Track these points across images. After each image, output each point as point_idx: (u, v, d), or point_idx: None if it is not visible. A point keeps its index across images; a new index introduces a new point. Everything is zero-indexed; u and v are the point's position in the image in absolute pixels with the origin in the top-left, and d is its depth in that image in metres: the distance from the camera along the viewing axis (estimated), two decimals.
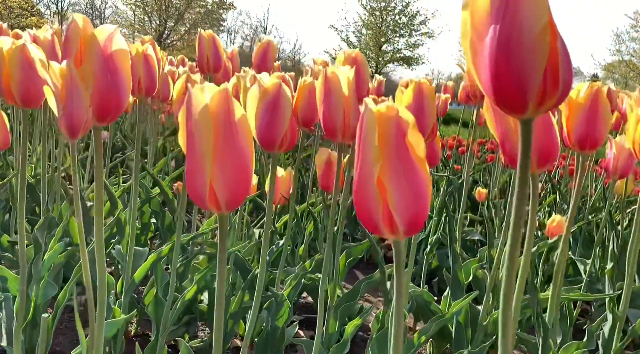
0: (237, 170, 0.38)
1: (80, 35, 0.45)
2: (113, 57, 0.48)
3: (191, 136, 0.38)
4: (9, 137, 0.99)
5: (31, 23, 16.81)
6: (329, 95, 0.59)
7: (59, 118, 0.45)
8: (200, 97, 0.37)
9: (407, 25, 20.13)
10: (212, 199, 0.38)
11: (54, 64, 0.44)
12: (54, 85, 0.44)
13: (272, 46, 1.38)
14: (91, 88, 0.45)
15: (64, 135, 0.46)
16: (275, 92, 0.61)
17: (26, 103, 0.67)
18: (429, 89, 0.63)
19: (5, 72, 0.65)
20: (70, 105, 0.44)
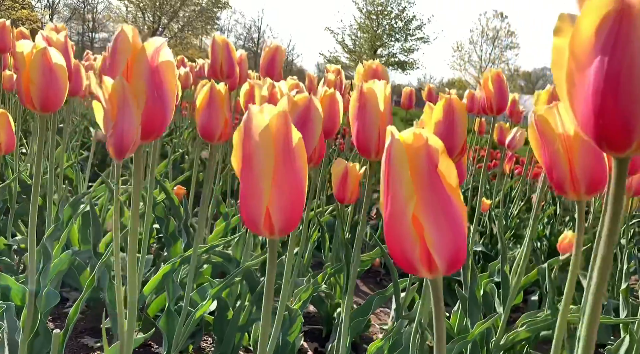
0: (295, 195, 0.36)
1: (129, 49, 0.43)
2: (159, 70, 0.46)
3: (249, 158, 0.36)
4: (14, 139, 0.96)
5: (22, 16, 16.60)
6: (363, 111, 0.57)
7: (108, 137, 0.43)
8: (261, 118, 0.35)
9: (403, 29, 20.23)
10: (267, 224, 0.36)
11: (108, 80, 0.42)
12: (106, 102, 0.42)
13: (281, 51, 1.35)
14: (142, 107, 0.42)
15: (111, 155, 0.44)
16: (306, 106, 0.59)
17: (45, 108, 0.64)
18: (460, 105, 0.61)
19: (25, 77, 0.62)
20: (121, 124, 0.42)
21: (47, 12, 21.64)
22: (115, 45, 0.44)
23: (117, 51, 0.44)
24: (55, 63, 0.64)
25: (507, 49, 23.88)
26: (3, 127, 0.93)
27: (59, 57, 0.64)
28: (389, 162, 0.30)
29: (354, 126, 0.59)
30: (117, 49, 0.44)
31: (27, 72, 0.62)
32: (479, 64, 23.87)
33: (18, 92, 0.64)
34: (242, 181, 0.37)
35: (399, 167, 0.29)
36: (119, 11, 20.88)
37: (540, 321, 0.81)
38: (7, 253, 1.27)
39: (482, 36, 23.76)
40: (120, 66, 0.43)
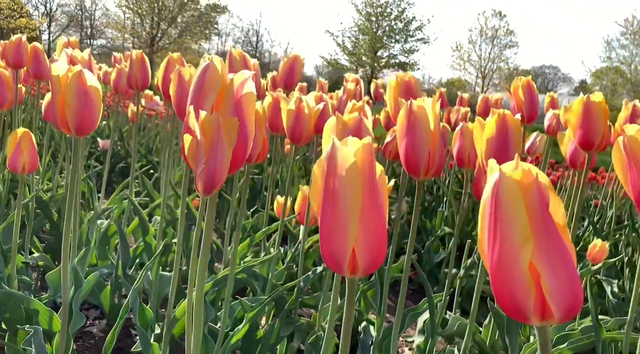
0: (381, 233, 0.34)
1: (219, 83, 0.41)
2: (241, 102, 0.44)
3: (333, 195, 0.34)
4: (37, 159, 0.94)
5: (20, 24, 16.60)
6: (413, 129, 0.55)
7: (197, 173, 0.41)
8: (346, 152, 0.33)
9: (403, 30, 20.24)
10: (352, 264, 0.34)
11: (203, 113, 0.40)
12: (198, 136, 0.40)
13: (299, 60, 1.33)
14: (234, 144, 0.40)
15: (199, 191, 0.42)
16: (356, 126, 0.57)
17: (80, 132, 0.62)
18: (514, 122, 0.59)
19: (61, 100, 0.60)
20: (214, 160, 0.40)
21: (45, 20, 21.66)
22: (203, 77, 0.42)
23: (205, 83, 0.42)
24: (90, 85, 0.62)
25: (506, 47, 23.89)
26: (26, 147, 0.91)
27: (94, 80, 0.62)
28: (497, 201, 0.28)
29: (401, 144, 0.57)
30: (205, 81, 0.42)
31: (64, 95, 0.60)
32: (479, 63, 23.87)
33: (52, 116, 0.62)
34: (324, 219, 0.35)
35: (512, 207, 0.27)
36: (117, 18, 20.91)
37: (584, 339, 0.79)
38: (24, 271, 1.25)
39: (481, 35, 23.76)
40: (208, 99, 0.42)
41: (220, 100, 0.44)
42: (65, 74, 0.61)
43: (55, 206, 1.60)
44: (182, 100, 0.75)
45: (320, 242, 0.35)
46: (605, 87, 22.25)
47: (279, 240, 1.00)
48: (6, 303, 0.91)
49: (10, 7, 16.37)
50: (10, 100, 1.01)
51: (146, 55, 1.31)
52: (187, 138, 0.41)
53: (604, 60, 22.65)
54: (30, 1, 21.42)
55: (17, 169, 0.92)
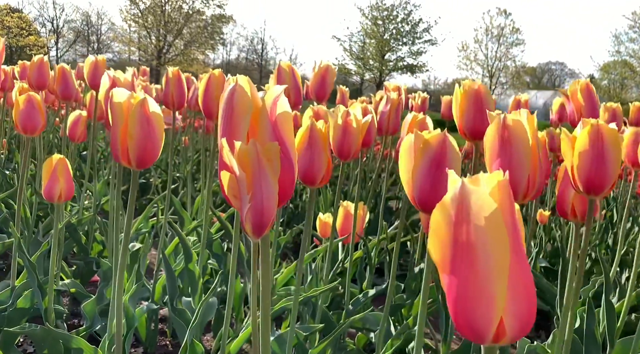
0: (531, 292, 0.28)
1: (250, 106, 0.35)
2: (277, 124, 0.38)
3: (468, 249, 0.27)
4: (73, 186, 0.89)
5: (29, 42, 16.77)
6: (508, 147, 0.49)
7: (243, 212, 0.35)
8: (484, 195, 0.27)
9: (410, 33, 20.16)
10: (498, 333, 0.28)
11: (238, 144, 0.34)
12: (237, 171, 0.34)
13: (331, 70, 1.28)
14: (279, 172, 0.34)
15: (248, 233, 0.36)
16: (440, 145, 0.52)
17: (141, 164, 0.57)
18: (611, 133, 0.53)
19: (123, 130, 0.55)
20: (260, 195, 0.34)
21: (52, 37, 21.86)
22: (231, 103, 0.36)
23: (234, 109, 0.36)
24: (153, 112, 0.57)
25: (512, 45, 23.72)
26: (62, 173, 0.87)
27: (156, 106, 0.57)
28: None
29: (492, 165, 0.52)
30: (234, 107, 0.36)
31: (126, 125, 0.55)
32: (485, 63, 23.73)
33: (113, 147, 0.57)
34: (456, 279, 0.28)
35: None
36: (123, 31, 21.04)
37: None
38: (56, 299, 1.21)
39: (487, 34, 23.63)
40: (240, 126, 0.36)
41: (255, 126, 0.37)
42: (127, 101, 0.56)
43: (81, 228, 1.55)
44: None
45: (451, 306, 0.29)
46: (614, 81, 22.02)
47: (329, 264, 0.95)
48: (45, 339, 0.86)
49: (18, 25, 16.54)
50: (43, 124, 0.97)
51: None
52: (224, 175, 0.35)
53: (612, 54, 22.41)
54: (37, 19, 21.65)
55: (53, 198, 0.87)
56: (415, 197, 0.53)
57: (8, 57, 16.23)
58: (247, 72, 23.65)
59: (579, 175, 0.55)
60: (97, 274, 1.18)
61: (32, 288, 0.93)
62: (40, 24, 21.90)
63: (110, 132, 0.58)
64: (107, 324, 0.84)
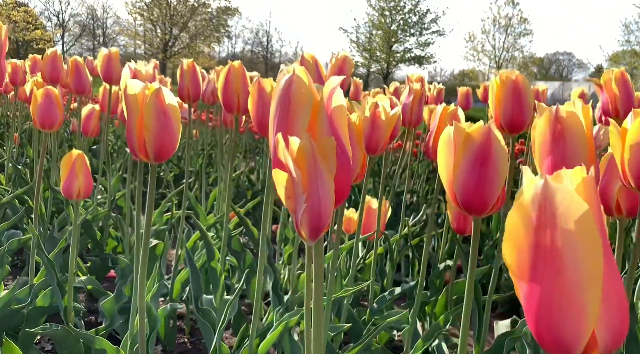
0: (623, 300, 0.25)
1: (310, 99, 0.33)
2: (333, 118, 0.35)
3: (553, 255, 0.24)
4: (91, 183, 0.87)
5: (36, 36, 16.78)
6: (561, 142, 0.46)
7: (298, 214, 0.32)
8: (571, 194, 0.24)
9: (418, 23, 19.99)
10: (590, 347, 0.25)
11: (294, 140, 0.31)
12: (293, 169, 0.31)
13: (349, 61, 1.24)
14: (334, 170, 0.32)
15: (303, 237, 0.33)
16: (484, 140, 0.49)
17: (159, 157, 0.55)
18: None
19: (139, 123, 0.53)
20: (317, 195, 0.31)
21: (58, 31, 21.87)
22: (287, 94, 0.33)
23: (290, 101, 0.33)
24: (169, 104, 0.54)
25: (520, 36, 23.51)
26: (81, 170, 0.85)
27: (172, 97, 0.55)
28: None
29: (543, 160, 0.49)
30: (291, 100, 0.33)
31: (142, 118, 0.53)
32: (493, 53, 23.54)
33: (129, 141, 0.54)
34: (538, 288, 0.25)
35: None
36: (129, 25, 21.02)
37: None
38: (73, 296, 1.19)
39: (495, 24, 23.42)
40: (297, 121, 0.33)
41: (312, 120, 0.35)
42: (141, 93, 0.53)
43: (96, 224, 1.54)
44: (265, 116, 0.67)
45: (532, 317, 0.26)
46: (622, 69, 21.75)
47: (353, 261, 0.92)
48: (66, 339, 0.84)
49: (25, 19, 16.54)
50: (60, 120, 0.95)
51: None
52: (278, 174, 0.32)
53: (622, 43, 22.18)
54: (43, 13, 21.67)
55: (72, 194, 0.85)
56: (457, 197, 0.50)
57: (15, 51, 16.26)
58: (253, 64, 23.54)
59: (630, 169, 0.52)
60: (115, 271, 1.17)
61: (52, 287, 0.91)
62: (45, 17, 21.92)
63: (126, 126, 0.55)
64: (129, 323, 0.82)
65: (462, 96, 1.97)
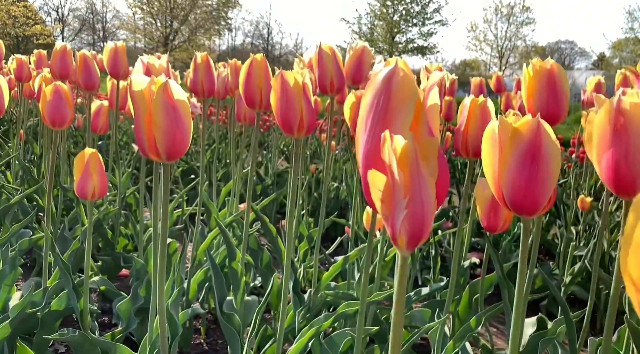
0: None
1: (414, 94, 0.29)
2: (428, 116, 0.32)
3: None
4: (106, 183, 0.84)
5: (36, 31, 16.71)
6: (624, 136, 0.43)
7: (396, 221, 0.29)
8: None
9: (420, 13, 19.83)
10: None
11: (400, 140, 0.28)
12: (396, 172, 0.28)
13: (368, 52, 1.20)
14: (436, 171, 0.29)
15: (398, 245, 0.30)
16: (534, 136, 0.45)
17: (171, 156, 0.52)
18: None
19: (148, 120, 0.49)
20: (419, 200, 0.28)
21: (58, 26, 21.77)
22: (388, 88, 0.30)
23: (392, 96, 0.30)
24: (178, 99, 0.51)
25: (523, 25, 23.33)
26: (95, 169, 0.81)
27: (181, 91, 0.51)
28: None
29: (602, 155, 0.45)
30: (392, 94, 0.30)
31: (150, 114, 0.49)
32: (495, 43, 23.38)
33: (138, 140, 0.51)
34: None
35: None
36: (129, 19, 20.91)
37: None
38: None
39: (497, 14, 23.24)
40: (397, 118, 0.30)
41: (417, 118, 0.32)
42: (147, 88, 0.50)
43: (106, 222, 1.51)
44: (289, 111, 0.64)
45: None
46: (626, 59, 21.61)
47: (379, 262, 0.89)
48: (82, 344, 0.82)
49: (24, 14, 16.47)
50: (71, 117, 0.91)
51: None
52: (375, 177, 0.29)
53: (626, 31, 21.94)
54: (42, 8, 21.57)
55: (86, 195, 0.82)
56: (505, 197, 0.47)
57: (15, 46, 16.19)
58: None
59: None
60: (130, 271, 1.14)
61: (67, 290, 0.88)
62: (45, 12, 21.82)
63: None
64: (149, 327, 0.79)
65: (475, 87, 1.93)
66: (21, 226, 0.94)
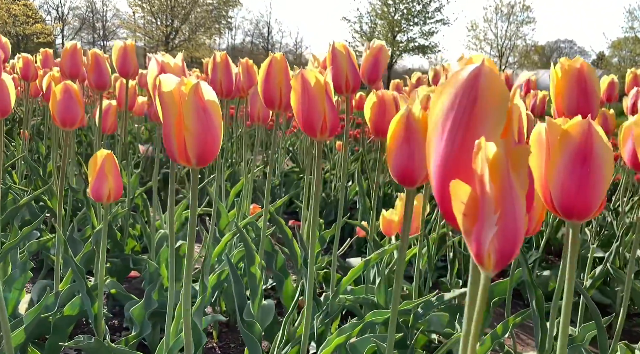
0: None
1: (507, 96, 0.27)
2: None
3: None
4: (122, 185, 0.81)
5: (36, 30, 16.66)
6: None
7: (484, 238, 0.26)
8: None
9: (421, 12, 19.78)
10: None
11: (491, 147, 0.25)
12: (487, 184, 0.26)
13: (384, 51, 1.18)
14: (527, 183, 0.26)
15: (483, 264, 0.27)
16: (584, 138, 0.43)
17: (202, 161, 0.49)
18: None
19: (178, 123, 0.47)
20: (511, 217, 0.25)
21: (58, 24, 21.72)
22: (473, 89, 0.27)
23: (478, 98, 0.27)
24: (209, 100, 0.49)
25: (523, 24, 23.30)
26: (111, 170, 0.79)
27: (211, 92, 0.49)
28: None
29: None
30: (478, 95, 0.27)
31: (180, 117, 0.47)
32: (495, 42, 23.35)
33: (167, 145, 0.49)
34: None
35: None
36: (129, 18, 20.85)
37: None
38: None
39: (497, 13, 23.21)
40: (485, 123, 0.27)
41: (509, 126, 0.29)
42: (177, 89, 0.47)
43: (115, 223, 1.49)
44: (311, 112, 0.62)
45: None
46: (625, 58, 21.58)
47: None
48: (97, 352, 0.80)
49: (24, 13, 16.42)
50: (82, 116, 0.89)
51: None
52: (459, 188, 0.27)
53: (626, 30, 21.93)
54: (42, 6, 21.52)
55: (101, 197, 0.80)
56: (555, 201, 0.45)
57: (15, 45, 16.15)
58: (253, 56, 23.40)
59: None
60: (143, 275, 1.12)
61: (81, 294, 0.86)
62: (45, 11, 21.77)
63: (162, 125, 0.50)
64: (165, 334, 0.77)
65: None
66: (32, 229, 0.92)
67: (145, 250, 1.60)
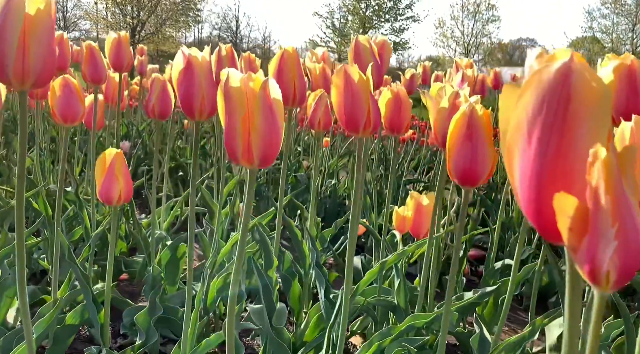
0: None
1: (607, 96, 0.24)
2: None
3: None
4: (132, 187, 0.77)
5: None
6: None
7: (601, 255, 0.24)
8: None
9: (392, 9, 19.90)
10: None
11: (603, 153, 0.23)
12: (603, 195, 0.23)
13: (388, 47, 1.16)
14: (637, 189, 0.24)
15: (599, 284, 0.24)
16: None
17: (264, 162, 0.46)
18: None
19: (245, 122, 0.44)
20: (631, 229, 0.23)
21: None
22: (563, 90, 0.24)
23: (571, 99, 0.24)
24: (274, 98, 0.45)
25: (488, 22, 23.77)
26: (121, 171, 0.74)
27: (277, 90, 0.46)
28: None
29: None
30: (570, 97, 0.24)
31: (249, 115, 0.44)
32: (462, 39, 23.73)
33: (229, 144, 0.45)
34: None
35: None
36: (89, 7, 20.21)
37: None
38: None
39: (463, 11, 23.59)
40: (580, 128, 0.24)
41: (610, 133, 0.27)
42: (245, 86, 0.44)
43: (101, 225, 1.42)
44: (355, 109, 0.59)
45: None
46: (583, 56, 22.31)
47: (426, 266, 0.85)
48: None
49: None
50: (83, 112, 0.83)
51: None
52: (565, 201, 0.24)
53: (585, 30, 22.68)
54: None
55: (111, 200, 0.75)
56: None
57: None
58: None
59: None
60: (146, 279, 1.07)
61: (86, 302, 0.81)
62: None
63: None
64: (182, 344, 0.73)
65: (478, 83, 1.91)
66: (30, 233, 0.86)
67: (133, 250, 1.54)
